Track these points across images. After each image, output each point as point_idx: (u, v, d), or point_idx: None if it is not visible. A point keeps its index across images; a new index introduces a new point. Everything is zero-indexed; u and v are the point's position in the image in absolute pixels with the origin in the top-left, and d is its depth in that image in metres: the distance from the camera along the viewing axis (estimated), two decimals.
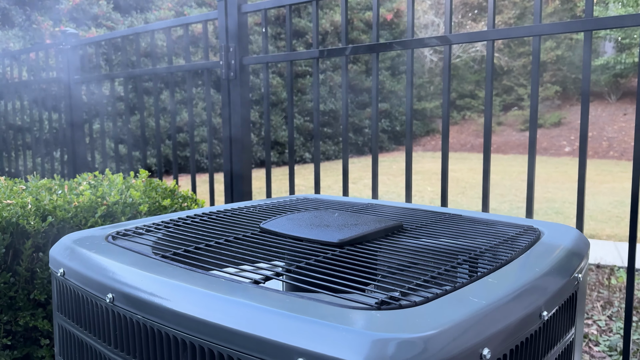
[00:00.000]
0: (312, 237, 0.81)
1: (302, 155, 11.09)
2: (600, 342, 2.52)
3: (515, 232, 0.92)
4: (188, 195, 1.65)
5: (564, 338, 0.74)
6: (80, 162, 2.97)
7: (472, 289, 0.62)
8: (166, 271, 0.68)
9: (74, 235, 0.87)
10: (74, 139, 2.92)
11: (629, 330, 1.37)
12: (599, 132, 12.27)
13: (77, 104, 2.92)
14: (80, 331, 0.75)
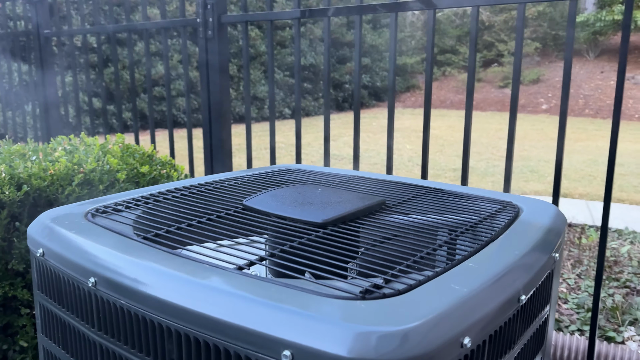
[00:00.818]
0: (296, 216, 0.81)
1: (281, 110, 10.97)
2: (569, 300, 2.62)
3: (494, 208, 0.93)
4: (167, 160, 1.63)
5: (539, 316, 0.76)
6: (53, 117, 2.89)
7: (453, 274, 0.63)
8: (148, 255, 0.68)
9: (52, 212, 0.86)
10: (46, 94, 2.84)
11: (599, 287, 1.43)
12: (576, 89, 12.36)
13: (48, 58, 2.81)
14: (63, 312, 0.75)
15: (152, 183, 1.49)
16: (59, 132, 2.90)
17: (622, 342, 2.27)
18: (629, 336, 2.31)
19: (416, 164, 6.17)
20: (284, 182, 1.11)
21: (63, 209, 0.87)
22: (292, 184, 1.06)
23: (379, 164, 6.19)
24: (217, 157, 2.05)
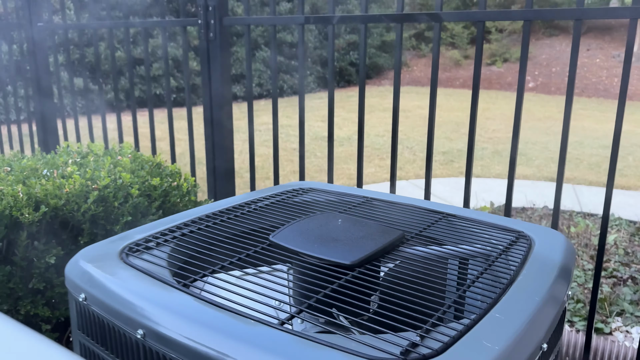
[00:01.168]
0: (324, 256, 0.85)
1: (281, 87, 10.89)
2: None
3: (508, 240, 0.98)
4: (175, 170, 1.65)
5: (552, 355, 0.82)
6: (48, 110, 2.87)
7: (482, 328, 0.68)
8: (194, 308, 0.71)
9: (87, 252, 0.89)
10: (40, 88, 2.81)
11: (597, 288, 1.50)
12: (562, 67, 12.44)
13: (42, 52, 2.78)
14: (107, 354, 0.78)
15: (163, 195, 1.52)
16: (52, 115, 2.88)
17: (610, 332, 2.37)
18: (617, 327, 2.41)
19: (406, 147, 6.22)
20: (302, 208, 1.15)
21: (96, 247, 0.90)
22: (312, 214, 1.10)
23: (369, 146, 6.22)
24: (219, 155, 2.07)
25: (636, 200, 4.44)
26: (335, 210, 1.16)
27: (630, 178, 5.04)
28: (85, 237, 1.35)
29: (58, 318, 1.34)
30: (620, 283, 2.79)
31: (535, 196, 4.49)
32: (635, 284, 2.78)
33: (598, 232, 3.52)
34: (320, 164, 5.41)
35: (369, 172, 5.10)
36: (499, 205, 4.12)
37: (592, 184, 4.90)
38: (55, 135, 2.89)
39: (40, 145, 2.88)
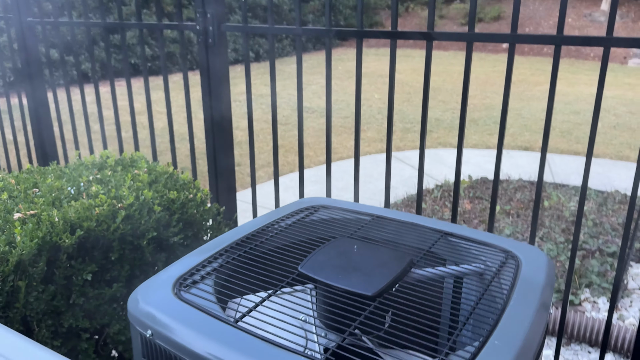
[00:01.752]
0: (349, 287, 1.01)
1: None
2: None
3: (499, 260, 1.15)
4: (188, 180, 1.77)
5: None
6: (40, 104, 2.92)
7: (486, 355, 0.85)
8: (249, 343, 0.87)
9: (145, 290, 1.03)
10: (33, 81, 2.85)
11: (572, 268, 1.70)
12: (535, 27, 12.58)
13: (32, 48, 2.80)
14: None
15: (181, 207, 1.65)
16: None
17: (580, 303, 2.63)
18: (585, 298, 2.67)
19: (385, 117, 6.37)
20: (318, 228, 1.30)
21: (151, 284, 1.04)
22: (330, 238, 1.25)
23: (350, 117, 6.34)
24: (219, 157, 2.19)
25: (604, 168, 4.70)
26: (347, 229, 1.32)
27: (599, 146, 5.29)
28: (115, 253, 1.48)
29: (95, 328, 1.49)
30: (589, 255, 3.04)
31: (510, 167, 4.71)
32: (602, 255, 3.04)
33: (569, 205, 3.77)
34: (304, 138, 5.52)
35: (351, 145, 5.25)
36: (477, 179, 4.33)
37: (564, 152, 5.14)
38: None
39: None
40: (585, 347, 2.31)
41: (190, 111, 2.34)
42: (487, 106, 6.96)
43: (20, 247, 1.27)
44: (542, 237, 3.26)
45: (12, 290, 1.28)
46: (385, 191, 1.83)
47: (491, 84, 8.52)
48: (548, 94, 1.51)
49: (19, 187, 1.56)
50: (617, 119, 6.32)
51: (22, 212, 1.42)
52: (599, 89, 1.44)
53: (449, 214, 3.61)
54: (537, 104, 7.08)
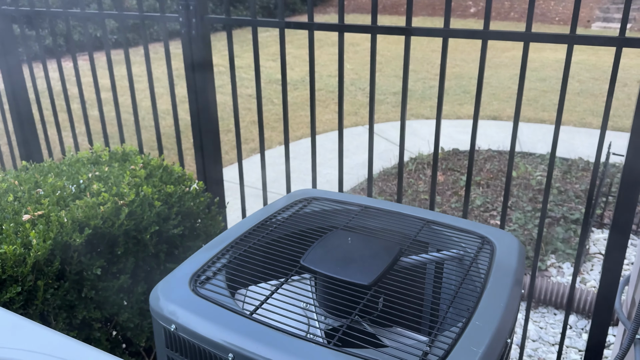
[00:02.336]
0: (348, 278, 1.14)
1: None
2: None
3: (476, 245, 1.30)
4: (181, 173, 1.86)
5: (510, 339, 1.17)
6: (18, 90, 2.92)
7: (469, 335, 1.00)
8: (266, 334, 1.00)
9: (164, 286, 1.14)
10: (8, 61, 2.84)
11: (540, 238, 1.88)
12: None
13: (8, 39, 2.79)
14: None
15: (178, 201, 1.75)
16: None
17: (546, 269, 2.84)
18: (551, 263, 2.89)
19: (359, 89, 6.45)
20: (313, 220, 1.42)
21: (169, 281, 1.16)
22: (325, 230, 1.38)
23: (323, 89, 6.40)
24: (207, 148, 2.28)
25: (568, 135, 4.92)
26: (340, 220, 1.44)
27: (563, 113, 5.51)
28: (120, 247, 1.58)
29: (105, 317, 1.60)
30: (554, 223, 3.26)
31: (479, 137, 4.89)
32: (566, 222, 3.26)
33: (536, 174, 3.98)
34: (279, 111, 5.57)
35: (326, 119, 5.34)
36: (449, 150, 4.50)
37: (531, 121, 5.35)
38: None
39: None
40: (552, 309, 2.52)
41: (175, 104, 2.40)
42: (456, 75, 7.10)
43: (35, 248, 1.36)
44: (511, 206, 3.46)
45: (31, 288, 1.38)
46: (367, 185, 1.96)
47: (460, 51, 8.64)
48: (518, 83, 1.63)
49: (22, 187, 1.63)
50: (580, 85, 6.55)
51: (31, 213, 1.50)
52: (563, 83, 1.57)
53: (424, 186, 3.78)
54: (505, 71, 7.25)
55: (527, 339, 2.34)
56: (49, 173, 1.77)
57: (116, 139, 4.72)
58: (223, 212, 2.15)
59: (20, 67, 2.91)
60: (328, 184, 3.83)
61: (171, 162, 4.23)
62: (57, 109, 4.61)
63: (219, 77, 6.97)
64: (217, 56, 8.13)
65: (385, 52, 8.55)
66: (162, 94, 6.03)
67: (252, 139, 4.66)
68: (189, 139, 4.70)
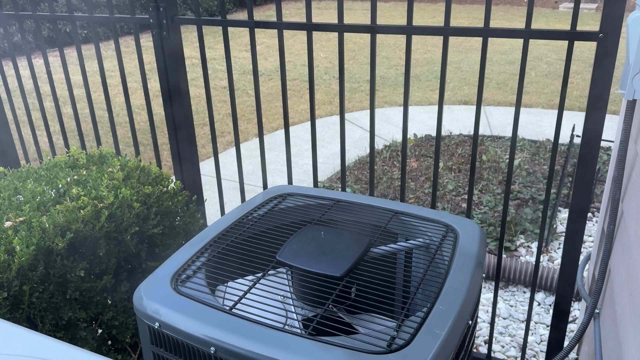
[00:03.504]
0: (321, 270, 1.22)
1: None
2: (474, 216, 3.25)
3: (440, 233, 1.38)
4: (158, 174, 1.91)
5: (473, 321, 1.26)
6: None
7: (433, 319, 1.08)
8: (246, 327, 1.07)
9: (146, 286, 1.20)
10: None
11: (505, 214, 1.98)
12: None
13: None
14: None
15: (156, 201, 1.80)
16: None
17: (515, 249, 2.96)
18: (520, 244, 3.01)
19: (333, 77, 6.50)
20: (288, 215, 1.49)
21: (151, 281, 1.22)
22: (300, 225, 1.45)
23: (297, 79, 6.44)
24: (182, 147, 2.32)
25: (537, 117, 5.06)
26: (313, 214, 1.52)
27: (532, 95, 5.65)
28: (102, 249, 1.63)
29: (90, 316, 1.65)
30: (523, 204, 3.38)
31: (450, 122, 5.00)
32: (534, 203, 3.39)
33: (506, 157, 4.10)
34: (254, 103, 5.60)
35: (301, 109, 5.39)
36: (422, 137, 4.60)
37: (500, 104, 5.47)
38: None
39: None
40: (521, 288, 2.65)
41: (150, 106, 2.44)
42: (428, 60, 7.20)
43: (19, 254, 1.41)
44: (482, 190, 3.58)
45: (17, 293, 1.42)
46: (341, 178, 2.03)
47: (431, 36, 8.72)
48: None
49: (2, 194, 1.66)
50: (548, 67, 6.70)
51: (12, 220, 1.54)
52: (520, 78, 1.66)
53: (398, 173, 3.87)
54: (475, 55, 7.36)
55: (498, 317, 2.46)
56: (28, 179, 1.80)
57: (91, 136, 4.71)
58: (202, 209, 2.20)
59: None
60: (305, 174, 3.90)
61: (148, 157, 4.24)
62: (30, 107, 4.58)
63: (193, 69, 6.95)
64: (190, 48, 8.08)
65: (358, 39, 8.60)
66: (136, 89, 6.00)
67: (229, 131, 4.70)
68: (164, 133, 4.71)
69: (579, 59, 6.93)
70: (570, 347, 1.70)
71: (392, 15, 10.62)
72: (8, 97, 2.81)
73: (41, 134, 4.78)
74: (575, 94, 5.60)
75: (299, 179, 3.82)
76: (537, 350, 2.26)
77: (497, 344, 2.31)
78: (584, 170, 1.61)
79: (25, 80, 6.44)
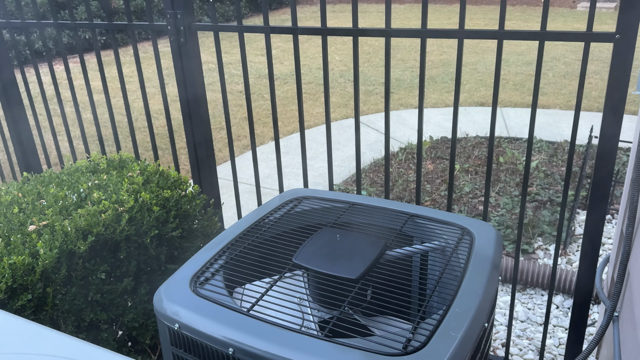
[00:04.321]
0: (337, 273, 1.23)
1: None
2: (491, 218, 3.24)
3: (456, 236, 1.39)
4: (176, 178, 1.94)
5: (489, 322, 1.26)
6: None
7: (449, 322, 1.09)
8: (263, 329, 1.09)
9: (166, 289, 1.22)
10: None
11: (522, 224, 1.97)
12: None
13: (0, 50, 2.85)
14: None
15: (175, 205, 1.83)
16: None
17: (533, 251, 2.94)
18: (538, 246, 2.99)
19: (348, 80, 6.51)
20: (304, 218, 1.51)
21: (171, 283, 1.24)
22: (316, 228, 1.46)
23: (313, 82, 6.47)
24: (200, 152, 2.36)
25: (554, 119, 5.02)
26: (329, 217, 1.53)
27: (549, 96, 5.60)
28: (122, 252, 1.66)
29: (111, 318, 1.68)
30: (541, 206, 3.36)
31: (467, 123, 4.98)
32: (552, 205, 3.36)
33: (523, 159, 4.07)
34: (270, 106, 5.65)
35: (317, 112, 5.41)
36: (437, 139, 4.59)
37: (518, 106, 5.43)
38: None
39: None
40: (539, 290, 2.63)
41: (168, 111, 2.48)
42: (444, 62, 7.17)
43: (42, 257, 1.44)
44: (499, 192, 3.56)
45: (40, 295, 1.46)
46: (356, 181, 2.04)
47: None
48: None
49: (26, 199, 1.71)
50: (566, 67, 6.64)
51: (36, 224, 1.58)
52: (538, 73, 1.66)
53: (414, 175, 3.87)
54: (491, 56, 7.32)
55: (516, 320, 2.44)
56: (50, 183, 1.84)
57: (111, 141, 4.78)
58: (219, 213, 2.23)
59: (12, 73, 2.97)
60: (321, 177, 3.92)
61: (166, 161, 4.30)
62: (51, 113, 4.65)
63: (210, 74, 7.02)
64: (206, 53, 8.16)
65: (373, 41, 8.61)
66: (154, 94, 6.08)
67: (245, 135, 4.74)
68: (182, 138, 4.77)
69: (597, 59, 6.86)
70: (589, 350, 1.68)
71: (407, 17, 10.61)
72: (30, 103, 2.88)
73: (62, 138, 4.87)
74: (593, 94, 5.54)
75: (314, 182, 3.83)
76: (555, 353, 2.25)
77: (515, 347, 2.29)
78: (601, 170, 1.61)
79: (46, 86, 6.56)
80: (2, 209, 1.67)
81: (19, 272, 1.40)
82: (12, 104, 2.99)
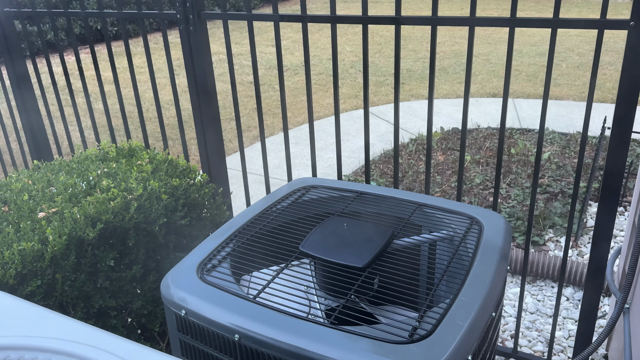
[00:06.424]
0: (344, 261, 1.23)
1: None
2: (502, 210, 3.21)
3: (465, 225, 1.38)
4: (185, 166, 1.94)
5: (497, 312, 1.25)
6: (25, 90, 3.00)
7: (456, 310, 1.08)
8: (270, 316, 1.09)
9: (173, 275, 1.23)
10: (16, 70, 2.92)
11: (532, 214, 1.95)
12: None
13: (13, 41, 2.86)
14: (208, 349, 1.16)
15: (184, 193, 1.83)
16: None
17: (544, 243, 2.92)
18: (549, 238, 2.96)
19: (359, 71, 6.48)
20: (311, 207, 1.50)
21: (178, 270, 1.24)
22: (323, 217, 1.46)
23: (324, 73, 6.44)
24: (210, 141, 2.36)
25: (567, 110, 4.96)
26: (337, 206, 1.53)
27: (563, 87, 5.53)
28: (131, 239, 1.67)
29: (120, 305, 1.70)
30: (552, 198, 3.32)
31: (479, 114, 4.93)
32: (564, 197, 3.32)
33: (535, 150, 4.02)
34: (279, 97, 5.64)
35: (327, 103, 5.39)
36: (448, 130, 4.55)
37: (530, 97, 5.38)
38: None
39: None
40: (550, 282, 2.61)
41: (178, 101, 2.48)
42: (456, 53, 7.11)
43: (52, 244, 1.45)
44: (510, 183, 3.53)
45: (50, 281, 1.47)
46: (365, 171, 2.03)
47: (459, 28, 8.61)
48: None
49: (36, 186, 1.72)
50: (580, 58, 6.55)
51: (45, 211, 1.59)
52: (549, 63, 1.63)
53: (424, 166, 3.85)
54: (504, 47, 7.24)
55: (525, 312, 2.43)
56: (60, 171, 1.85)
57: (121, 131, 4.81)
58: (227, 202, 2.23)
59: (24, 64, 2.99)
60: (330, 168, 3.91)
61: (176, 152, 4.31)
62: (62, 103, 4.70)
63: (220, 64, 7.01)
64: (217, 44, 8.16)
65: (385, 32, 8.55)
66: (165, 85, 6.09)
67: (255, 126, 4.74)
68: (192, 128, 4.78)
69: (612, 50, 6.75)
70: (599, 342, 1.67)
71: (419, 8, 10.52)
72: (42, 93, 2.90)
73: (73, 128, 4.90)
74: (608, 85, 5.46)
75: (324, 173, 3.83)
76: (564, 345, 2.23)
77: (524, 338, 2.28)
78: (614, 162, 1.58)
79: (57, 77, 6.60)
80: (13, 196, 1.68)
81: (28, 258, 1.42)
82: (25, 94, 3.01)
